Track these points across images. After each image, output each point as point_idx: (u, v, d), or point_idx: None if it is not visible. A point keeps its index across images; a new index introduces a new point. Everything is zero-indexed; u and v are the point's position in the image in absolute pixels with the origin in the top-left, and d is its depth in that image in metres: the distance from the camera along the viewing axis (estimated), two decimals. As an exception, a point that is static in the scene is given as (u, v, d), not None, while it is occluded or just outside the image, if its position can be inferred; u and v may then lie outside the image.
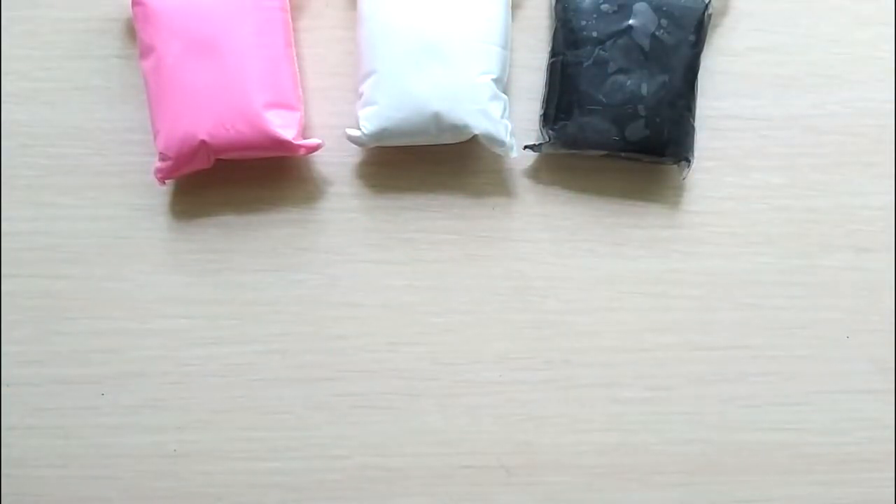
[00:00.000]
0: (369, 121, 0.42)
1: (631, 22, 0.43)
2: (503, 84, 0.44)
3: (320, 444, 0.45)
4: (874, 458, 0.45)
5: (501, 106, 0.43)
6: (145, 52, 0.43)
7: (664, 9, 0.43)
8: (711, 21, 0.45)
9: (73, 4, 0.46)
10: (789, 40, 0.46)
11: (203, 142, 0.42)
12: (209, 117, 0.42)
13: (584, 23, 0.43)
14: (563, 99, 0.43)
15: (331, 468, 0.45)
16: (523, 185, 0.46)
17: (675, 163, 0.44)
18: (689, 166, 0.44)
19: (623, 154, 0.44)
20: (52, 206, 0.46)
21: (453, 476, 0.45)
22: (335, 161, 0.46)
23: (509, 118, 0.44)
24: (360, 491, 0.45)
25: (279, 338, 0.45)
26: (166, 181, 0.45)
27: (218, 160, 0.44)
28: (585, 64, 0.43)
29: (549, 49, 0.45)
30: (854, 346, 0.46)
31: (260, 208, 0.46)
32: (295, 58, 0.44)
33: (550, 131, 0.44)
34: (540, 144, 0.45)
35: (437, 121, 0.42)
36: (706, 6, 0.43)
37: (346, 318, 0.45)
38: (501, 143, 0.43)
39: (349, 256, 0.46)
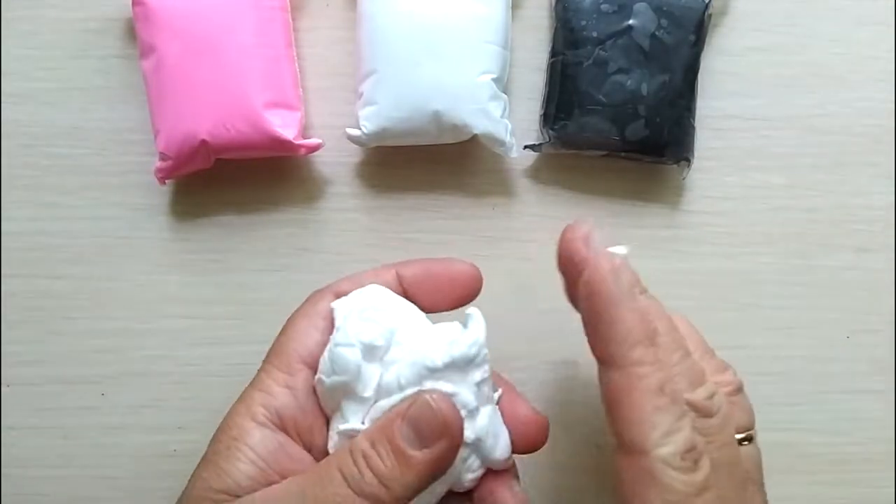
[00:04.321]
0: (369, 120, 0.42)
1: (631, 22, 0.43)
2: (503, 84, 0.44)
3: (320, 444, 0.45)
4: (874, 458, 0.45)
5: (501, 105, 0.43)
6: (145, 51, 0.43)
7: (664, 9, 0.43)
8: (711, 21, 0.45)
9: (73, 4, 0.46)
10: (789, 40, 0.46)
11: (203, 142, 0.42)
12: (209, 117, 0.42)
13: (584, 23, 0.43)
14: (563, 99, 0.43)
15: (331, 468, 0.45)
16: (523, 185, 0.46)
17: (675, 163, 0.44)
18: (689, 166, 0.44)
19: (623, 154, 0.44)
20: (52, 206, 0.46)
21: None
22: (335, 161, 0.46)
23: (509, 118, 0.44)
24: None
25: (279, 338, 0.45)
26: (166, 181, 0.45)
27: (218, 160, 0.44)
28: (585, 64, 0.43)
29: (549, 49, 0.45)
30: (854, 346, 0.46)
31: (260, 208, 0.46)
32: (295, 58, 0.44)
33: (550, 131, 0.44)
34: (540, 144, 0.45)
35: (438, 120, 0.42)
36: (706, 6, 0.43)
37: (346, 318, 0.45)
38: (501, 143, 0.43)
39: (349, 256, 0.46)
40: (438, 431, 0.31)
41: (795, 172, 0.46)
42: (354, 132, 0.43)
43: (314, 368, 0.34)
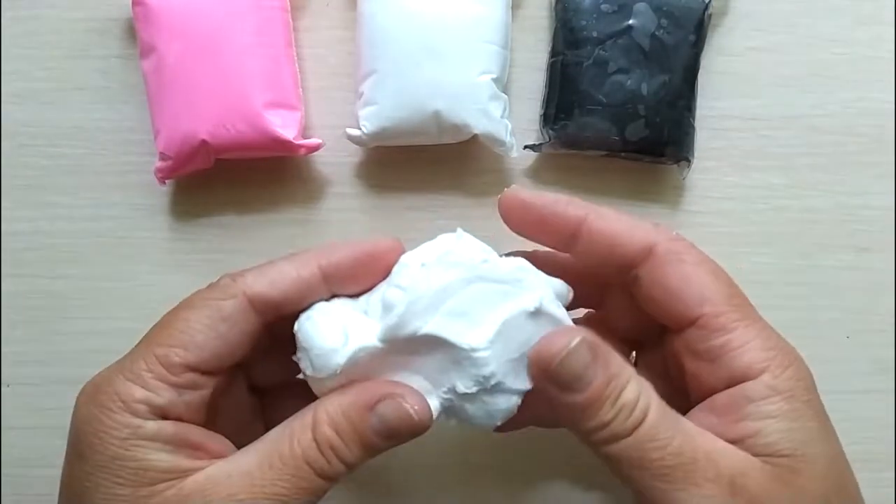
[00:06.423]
0: (369, 120, 0.42)
1: (631, 22, 0.43)
2: (503, 84, 0.44)
3: (320, 444, 0.45)
4: (874, 458, 0.45)
5: (501, 105, 0.43)
6: (145, 52, 0.43)
7: (664, 9, 0.43)
8: (711, 21, 0.45)
9: (73, 4, 0.46)
10: (789, 40, 0.46)
11: (203, 141, 0.42)
12: (210, 117, 0.42)
13: (584, 23, 0.43)
14: (563, 99, 0.43)
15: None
16: (523, 185, 0.46)
17: (675, 163, 0.44)
18: (689, 166, 0.44)
19: (623, 154, 0.44)
20: (52, 206, 0.46)
21: (453, 476, 0.45)
22: (335, 161, 0.46)
23: (509, 118, 0.44)
24: (360, 491, 0.45)
25: (279, 338, 0.45)
26: (166, 181, 0.45)
27: (218, 160, 0.44)
28: (585, 64, 0.43)
29: (549, 49, 0.45)
30: (854, 346, 0.46)
31: (260, 208, 0.46)
32: (295, 58, 0.44)
33: (550, 131, 0.44)
34: (540, 144, 0.45)
35: (438, 120, 0.42)
36: (706, 6, 0.43)
37: (346, 318, 0.45)
38: (501, 143, 0.43)
39: (349, 256, 0.46)
40: (411, 433, 0.31)
41: (795, 172, 0.46)
42: (354, 132, 0.43)
43: (201, 385, 0.32)
